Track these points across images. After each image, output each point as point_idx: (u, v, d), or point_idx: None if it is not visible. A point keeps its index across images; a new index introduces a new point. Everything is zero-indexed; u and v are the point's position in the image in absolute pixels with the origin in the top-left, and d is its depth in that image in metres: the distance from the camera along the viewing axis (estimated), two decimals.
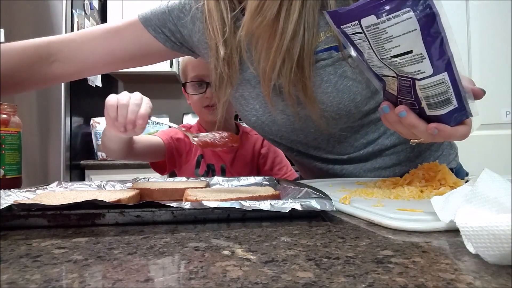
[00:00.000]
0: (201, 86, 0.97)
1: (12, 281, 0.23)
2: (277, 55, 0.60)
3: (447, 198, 0.36)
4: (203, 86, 0.97)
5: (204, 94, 0.97)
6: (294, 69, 0.60)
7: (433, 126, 0.44)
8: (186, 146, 1.01)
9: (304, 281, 0.22)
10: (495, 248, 0.23)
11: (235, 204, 0.38)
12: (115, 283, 0.22)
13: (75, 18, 1.74)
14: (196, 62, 0.96)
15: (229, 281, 0.22)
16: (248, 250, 0.29)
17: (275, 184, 0.61)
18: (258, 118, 0.73)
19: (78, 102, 1.79)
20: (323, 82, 0.63)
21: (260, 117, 0.73)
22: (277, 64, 0.60)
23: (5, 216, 0.36)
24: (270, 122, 0.72)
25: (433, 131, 0.45)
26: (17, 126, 0.71)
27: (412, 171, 0.60)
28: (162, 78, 2.34)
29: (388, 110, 0.48)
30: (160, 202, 0.38)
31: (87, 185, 0.61)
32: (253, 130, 1.09)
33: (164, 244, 0.31)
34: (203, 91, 0.97)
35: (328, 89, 0.63)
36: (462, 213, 0.28)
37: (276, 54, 0.60)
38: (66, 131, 1.67)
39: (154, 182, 0.64)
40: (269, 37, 0.60)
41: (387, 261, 0.25)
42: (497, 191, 0.27)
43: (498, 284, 0.21)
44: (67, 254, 0.28)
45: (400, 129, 0.49)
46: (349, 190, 0.58)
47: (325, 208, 0.39)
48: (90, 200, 0.37)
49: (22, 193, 0.52)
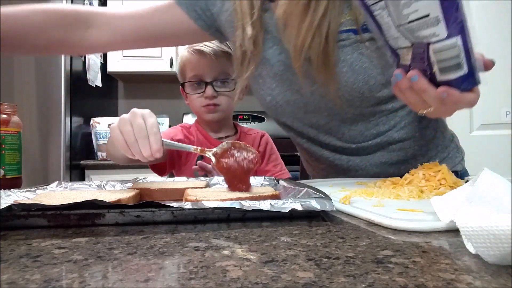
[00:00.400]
0: (200, 86, 0.98)
1: (12, 281, 0.23)
2: (309, 31, 0.63)
3: (447, 198, 0.36)
4: (201, 85, 0.97)
5: (203, 94, 0.97)
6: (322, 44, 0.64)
7: (443, 89, 0.46)
8: None
9: (304, 281, 0.22)
10: (495, 248, 0.23)
11: (235, 204, 0.38)
12: (115, 283, 0.22)
13: None
14: (194, 62, 0.97)
15: (229, 281, 0.22)
16: (248, 250, 0.29)
17: (275, 184, 0.61)
18: (273, 98, 0.75)
19: (78, 102, 1.79)
20: (340, 61, 0.66)
21: (275, 97, 0.75)
22: (307, 39, 0.64)
23: (5, 216, 0.36)
24: (285, 102, 0.75)
25: (442, 94, 0.46)
26: (17, 126, 0.71)
27: (412, 171, 0.60)
28: (162, 78, 2.34)
29: (401, 76, 0.49)
30: (160, 202, 0.38)
31: (87, 185, 0.61)
32: (251, 130, 1.09)
33: (164, 244, 0.31)
34: (202, 90, 0.97)
35: (344, 68, 0.66)
36: (462, 213, 0.28)
37: (308, 30, 0.63)
38: (66, 131, 1.67)
39: (154, 182, 0.64)
40: (301, 14, 0.64)
41: (387, 261, 0.25)
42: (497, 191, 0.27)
43: (498, 284, 0.21)
44: (67, 254, 0.28)
45: (410, 97, 0.50)
46: (349, 190, 0.58)
47: (325, 208, 0.39)
48: (90, 200, 0.37)
49: (22, 193, 0.52)
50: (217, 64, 0.96)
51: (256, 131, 1.10)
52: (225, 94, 0.98)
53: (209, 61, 0.96)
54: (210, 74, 0.96)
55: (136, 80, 2.41)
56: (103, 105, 2.21)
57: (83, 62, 1.88)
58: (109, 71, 2.16)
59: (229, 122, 1.07)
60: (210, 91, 0.96)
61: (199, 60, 0.96)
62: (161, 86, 2.51)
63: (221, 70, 0.97)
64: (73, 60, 1.73)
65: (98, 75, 2.06)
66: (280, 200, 0.40)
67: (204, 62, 0.96)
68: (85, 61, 1.89)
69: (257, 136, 1.06)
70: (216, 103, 0.97)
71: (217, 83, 0.97)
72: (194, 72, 0.97)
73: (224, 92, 0.98)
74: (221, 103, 0.98)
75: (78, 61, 1.81)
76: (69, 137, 1.70)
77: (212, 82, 0.96)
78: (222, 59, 0.97)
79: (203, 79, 0.96)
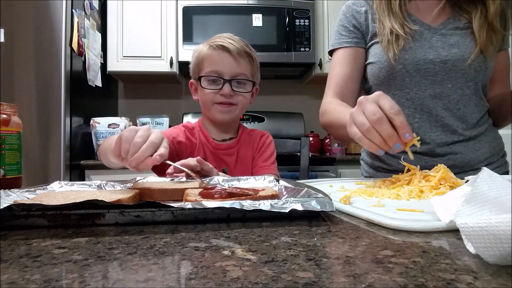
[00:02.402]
0: (216, 82, 0.95)
1: (12, 281, 0.23)
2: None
3: (447, 198, 0.36)
4: (218, 82, 0.95)
5: (219, 91, 0.95)
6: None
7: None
8: (187, 149, 1.00)
9: (304, 281, 0.22)
10: (495, 248, 0.23)
11: (235, 204, 0.38)
12: (115, 283, 0.22)
13: (75, 18, 1.74)
14: (215, 57, 0.94)
15: (229, 281, 0.22)
16: (248, 250, 0.29)
17: (275, 184, 0.61)
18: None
19: (78, 102, 1.79)
20: None
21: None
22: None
23: (5, 216, 0.36)
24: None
25: None
26: (17, 126, 0.71)
27: (412, 171, 0.60)
28: (162, 78, 2.34)
29: None
30: (160, 202, 0.38)
31: (87, 185, 0.61)
32: (254, 131, 1.08)
33: (164, 244, 0.31)
34: (218, 87, 0.95)
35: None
36: (462, 213, 0.28)
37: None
38: (66, 131, 1.67)
39: (154, 182, 0.64)
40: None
41: (387, 261, 0.25)
42: (497, 191, 0.27)
43: (498, 284, 0.21)
44: (67, 254, 0.28)
45: None
46: (349, 190, 0.58)
47: (325, 208, 0.39)
48: (90, 200, 0.37)
49: (22, 193, 0.52)
50: (238, 63, 0.94)
51: (258, 131, 1.09)
52: (241, 94, 0.96)
53: (231, 59, 0.94)
54: (230, 72, 0.94)
55: (136, 80, 2.41)
56: (103, 105, 2.21)
57: (83, 62, 1.88)
58: (109, 71, 2.16)
59: (236, 124, 1.06)
60: (227, 89, 0.93)
61: (220, 56, 0.94)
62: (161, 86, 2.51)
63: (241, 70, 0.95)
64: (73, 60, 1.73)
65: (98, 75, 2.06)
66: (280, 200, 0.40)
67: (225, 59, 0.94)
68: (85, 61, 1.89)
69: (257, 136, 1.06)
70: (233, 102, 0.95)
71: (235, 82, 0.95)
72: (213, 68, 0.94)
73: (241, 93, 0.96)
74: (237, 103, 0.96)
75: (78, 61, 1.81)
76: (69, 137, 1.70)
77: (231, 80, 0.94)
78: (243, 59, 0.95)
79: (222, 76, 0.94)
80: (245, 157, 1.01)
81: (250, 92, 0.98)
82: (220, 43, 0.94)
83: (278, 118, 2.43)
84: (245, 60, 0.96)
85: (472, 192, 0.28)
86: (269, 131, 1.16)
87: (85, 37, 1.88)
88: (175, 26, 2.16)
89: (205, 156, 0.98)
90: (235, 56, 0.94)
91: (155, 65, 2.17)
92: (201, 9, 2.16)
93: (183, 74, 2.43)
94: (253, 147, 1.03)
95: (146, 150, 0.56)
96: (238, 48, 0.94)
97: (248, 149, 1.02)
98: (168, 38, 2.17)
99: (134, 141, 0.56)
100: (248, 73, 0.96)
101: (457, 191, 0.36)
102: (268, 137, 1.07)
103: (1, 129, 0.67)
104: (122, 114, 2.41)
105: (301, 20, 2.19)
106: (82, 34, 1.83)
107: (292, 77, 2.61)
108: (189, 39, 2.15)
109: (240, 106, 0.97)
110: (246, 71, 0.96)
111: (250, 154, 1.02)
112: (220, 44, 0.94)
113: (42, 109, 1.63)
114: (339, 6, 1.05)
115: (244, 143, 1.02)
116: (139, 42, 2.15)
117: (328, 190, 0.56)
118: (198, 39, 2.13)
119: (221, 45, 0.94)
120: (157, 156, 0.56)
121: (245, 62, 0.96)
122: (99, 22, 2.12)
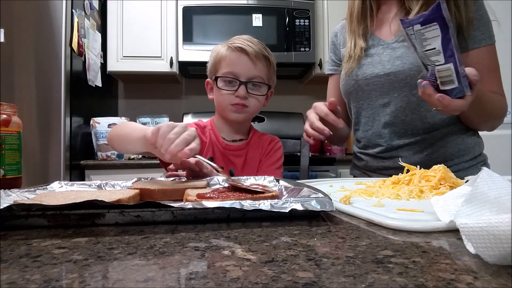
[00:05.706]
0: (232, 83, 0.96)
1: (12, 281, 0.23)
2: None
3: (447, 198, 0.36)
4: (234, 84, 0.95)
5: (234, 92, 0.95)
6: None
7: (439, 95, 0.68)
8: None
9: (304, 281, 0.22)
10: (495, 248, 0.23)
11: (235, 204, 0.38)
12: (115, 283, 0.22)
13: (75, 18, 1.74)
14: (233, 59, 0.95)
15: (229, 281, 0.22)
16: (248, 250, 0.29)
17: (275, 184, 0.61)
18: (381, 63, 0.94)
19: (78, 102, 1.79)
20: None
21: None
22: None
23: (5, 216, 0.36)
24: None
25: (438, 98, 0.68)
26: (17, 126, 0.71)
27: (412, 171, 0.60)
28: (162, 78, 2.34)
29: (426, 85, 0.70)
30: (160, 202, 0.38)
31: (87, 185, 0.61)
32: (264, 135, 1.08)
33: (164, 244, 0.31)
34: (234, 89, 0.96)
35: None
36: (462, 213, 0.28)
37: None
38: (66, 131, 1.67)
39: (154, 182, 0.64)
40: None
41: (387, 261, 0.25)
42: (497, 191, 0.27)
43: (498, 284, 0.21)
44: (67, 254, 0.28)
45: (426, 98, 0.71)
46: (349, 190, 0.58)
47: (325, 208, 0.39)
48: (90, 200, 0.37)
49: (22, 193, 0.52)
50: (255, 66, 0.95)
51: (269, 136, 1.09)
52: (255, 97, 0.96)
53: (248, 61, 0.94)
54: (247, 74, 0.95)
55: (136, 80, 2.40)
56: (103, 105, 2.21)
57: (83, 62, 1.88)
58: (109, 71, 2.16)
59: (248, 125, 1.06)
60: (242, 91, 0.94)
61: (238, 57, 0.95)
62: (161, 86, 2.51)
63: (257, 73, 0.95)
64: (73, 60, 1.73)
65: (98, 75, 2.06)
66: (280, 200, 0.40)
67: (243, 61, 0.95)
68: (85, 61, 1.89)
69: (267, 141, 1.06)
70: (246, 104, 0.96)
71: (250, 84, 0.95)
72: (230, 69, 0.95)
73: (255, 95, 0.96)
74: (250, 105, 0.96)
75: (78, 61, 1.81)
76: (69, 137, 1.70)
77: (247, 82, 0.94)
78: (260, 62, 0.96)
79: (238, 78, 0.95)
80: (253, 160, 1.01)
81: (264, 96, 0.98)
82: (238, 44, 0.95)
83: (278, 118, 2.43)
84: (262, 63, 0.96)
85: (472, 192, 0.28)
86: (269, 131, 1.16)
87: (85, 37, 1.87)
88: (175, 26, 2.16)
89: (213, 156, 0.98)
90: (253, 58, 0.95)
91: (155, 65, 2.17)
92: (201, 9, 2.16)
93: (183, 74, 2.43)
94: (261, 151, 1.03)
95: (179, 145, 0.59)
96: (256, 51, 0.95)
97: (257, 153, 1.03)
98: (168, 38, 2.16)
99: (168, 136, 0.59)
100: (264, 76, 0.97)
101: (457, 191, 0.36)
102: (277, 142, 1.07)
103: (1, 129, 0.67)
104: (122, 114, 2.41)
105: (301, 20, 2.19)
106: (82, 34, 1.83)
107: (292, 77, 2.61)
108: (189, 39, 2.15)
109: (253, 108, 0.98)
110: (262, 74, 0.97)
111: (258, 157, 1.03)
112: (239, 46, 0.95)
113: (42, 109, 1.63)
114: (339, 6, 1.06)
115: (254, 146, 1.03)
116: (139, 42, 2.15)
117: (328, 190, 0.56)
118: (198, 39, 2.13)
119: (239, 47, 0.95)
120: (187, 150, 0.58)
121: (262, 65, 0.96)
122: (99, 22, 2.12)
